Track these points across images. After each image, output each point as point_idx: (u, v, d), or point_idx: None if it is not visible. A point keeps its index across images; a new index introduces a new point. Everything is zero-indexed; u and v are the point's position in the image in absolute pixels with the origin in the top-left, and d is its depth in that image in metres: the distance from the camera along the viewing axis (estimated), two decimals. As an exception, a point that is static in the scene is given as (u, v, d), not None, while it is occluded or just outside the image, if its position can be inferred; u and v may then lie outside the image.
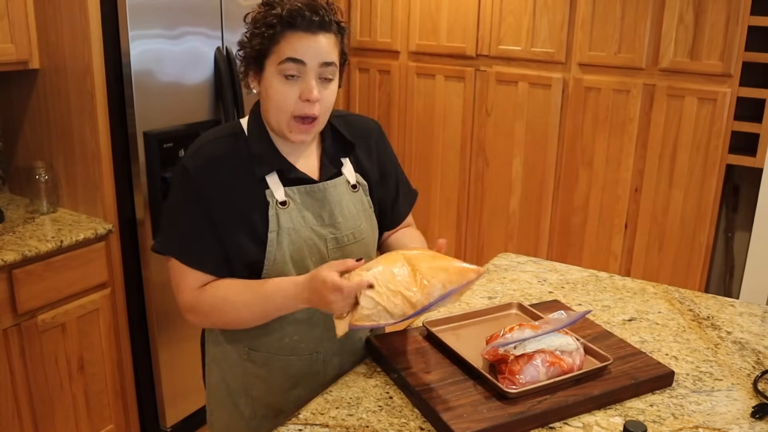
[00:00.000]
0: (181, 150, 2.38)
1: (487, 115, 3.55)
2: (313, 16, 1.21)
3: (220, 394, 1.46)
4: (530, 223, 3.52)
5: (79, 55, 2.17)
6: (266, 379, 1.39)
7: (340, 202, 1.35)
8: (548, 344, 1.26)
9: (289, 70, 1.22)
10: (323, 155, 1.38)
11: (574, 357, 1.28)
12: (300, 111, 1.24)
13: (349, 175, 1.39)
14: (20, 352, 2.06)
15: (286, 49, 1.22)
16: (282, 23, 1.21)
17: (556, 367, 1.25)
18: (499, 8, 3.38)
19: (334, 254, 1.34)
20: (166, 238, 1.32)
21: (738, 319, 1.65)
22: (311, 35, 1.22)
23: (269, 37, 1.22)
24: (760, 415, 1.24)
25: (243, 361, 1.40)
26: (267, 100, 1.27)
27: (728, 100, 2.90)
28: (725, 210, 3.24)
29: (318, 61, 1.23)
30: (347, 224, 1.35)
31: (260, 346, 1.37)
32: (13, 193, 2.57)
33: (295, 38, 1.22)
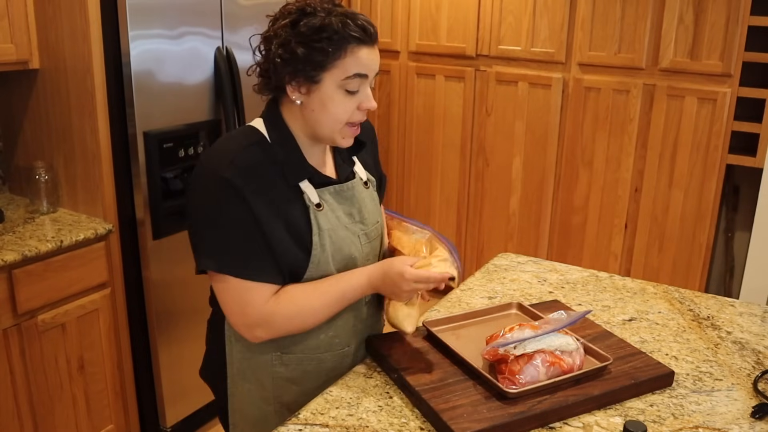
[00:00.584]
0: (180, 150, 2.38)
1: (487, 115, 3.55)
2: (370, 27, 1.22)
3: (248, 407, 1.42)
4: (530, 223, 3.52)
5: (79, 55, 2.17)
6: (299, 381, 1.38)
7: (363, 200, 1.39)
8: (548, 344, 1.26)
9: (353, 86, 1.23)
10: (336, 156, 1.40)
11: (574, 357, 1.28)
12: (355, 119, 1.27)
13: (360, 173, 1.43)
14: (20, 352, 2.06)
15: (353, 64, 1.21)
16: (350, 38, 1.20)
17: (556, 367, 1.25)
18: (499, 8, 3.38)
19: (365, 249, 1.38)
20: (218, 257, 1.24)
21: (738, 319, 1.65)
22: (372, 49, 1.24)
23: (334, 50, 1.19)
24: (760, 415, 1.24)
25: (273, 368, 1.37)
26: (321, 112, 1.25)
27: (728, 100, 2.90)
28: (725, 210, 3.24)
29: (375, 73, 1.26)
30: (371, 219, 1.40)
31: (294, 348, 1.36)
32: (13, 193, 2.57)
33: (362, 53, 1.21)
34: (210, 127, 2.49)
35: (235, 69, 2.52)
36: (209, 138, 2.49)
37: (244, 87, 2.57)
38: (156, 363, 2.47)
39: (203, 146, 2.47)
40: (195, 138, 2.44)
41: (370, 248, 1.40)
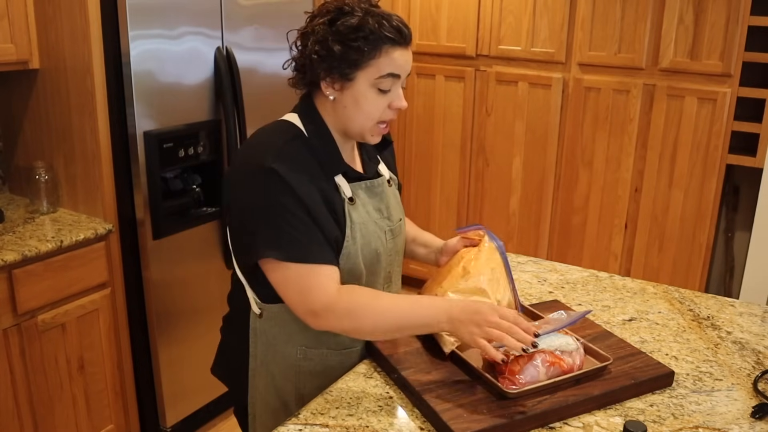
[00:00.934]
0: (180, 150, 2.38)
1: (487, 115, 3.55)
2: (404, 29, 1.26)
3: (268, 396, 1.44)
4: (530, 223, 3.52)
5: (79, 55, 2.17)
6: (321, 375, 1.40)
7: (389, 197, 1.43)
8: (548, 344, 1.26)
9: (386, 85, 1.26)
10: (362, 153, 1.44)
11: (574, 357, 1.28)
12: (386, 117, 1.31)
13: (383, 171, 1.46)
14: (20, 352, 2.06)
15: (387, 64, 1.24)
16: (385, 39, 1.23)
17: (556, 367, 1.25)
18: (499, 8, 3.38)
19: (389, 245, 1.41)
20: (277, 246, 1.24)
21: (738, 319, 1.65)
22: (406, 50, 1.27)
23: (369, 50, 1.23)
24: (760, 415, 1.24)
25: (298, 362, 1.39)
26: (353, 109, 1.28)
27: (728, 100, 2.90)
28: (725, 210, 3.24)
29: (407, 73, 1.30)
30: (396, 216, 1.43)
31: (319, 343, 1.38)
32: (13, 193, 2.57)
33: (396, 53, 1.25)
34: (210, 127, 2.49)
35: (235, 69, 2.52)
36: (209, 138, 2.49)
37: (244, 87, 2.57)
38: (156, 363, 2.47)
39: (203, 146, 2.47)
40: (195, 138, 2.44)
41: (394, 244, 1.43)
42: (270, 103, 2.74)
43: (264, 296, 1.36)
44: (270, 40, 2.71)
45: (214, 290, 2.64)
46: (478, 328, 1.18)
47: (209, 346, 2.64)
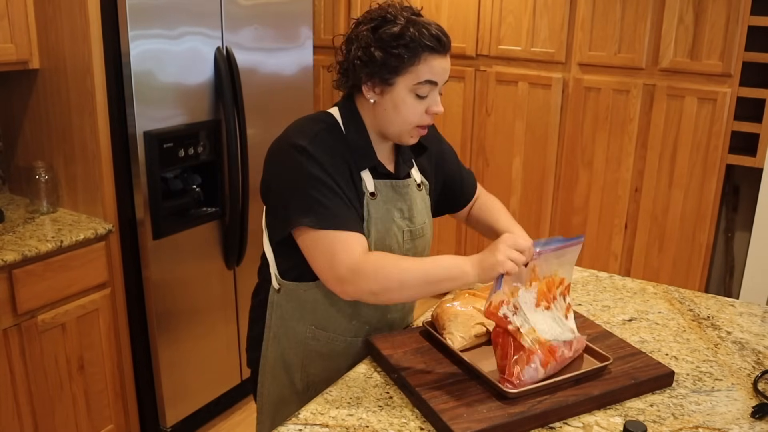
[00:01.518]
0: (180, 150, 2.38)
1: (487, 115, 3.55)
2: (443, 38, 1.30)
3: (276, 368, 1.51)
4: (530, 223, 3.52)
5: (79, 55, 2.17)
6: (326, 357, 1.47)
7: (414, 199, 1.46)
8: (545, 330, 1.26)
9: (424, 91, 1.31)
10: (398, 155, 1.47)
11: (572, 346, 1.28)
12: (424, 122, 1.35)
13: (416, 175, 1.50)
14: (20, 352, 2.06)
15: (425, 71, 1.29)
16: (423, 46, 1.28)
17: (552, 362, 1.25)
18: (499, 8, 3.38)
19: (407, 245, 1.43)
20: (307, 215, 1.30)
21: (738, 319, 1.65)
22: (445, 58, 1.32)
23: (409, 57, 1.28)
24: (760, 415, 1.24)
25: (306, 340, 1.46)
26: (393, 112, 1.33)
27: (728, 100, 2.90)
28: (725, 210, 3.24)
29: (445, 80, 1.34)
30: (419, 219, 1.46)
31: (327, 326, 1.44)
32: (13, 193, 2.57)
33: (435, 61, 1.30)
34: (210, 127, 2.49)
35: (235, 69, 2.52)
36: (209, 138, 2.49)
37: (244, 87, 2.57)
38: (156, 363, 2.47)
39: (203, 146, 2.47)
40: (195, 138, 2.44)
41: (412, 245, 1.45)
42: (270, 103, 2.74)
43: (283, 272, 1.44)
44: (270, 40, 2.71)
45: (214, 290, 2.64)
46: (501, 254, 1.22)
47: (209, 346, 2.66)
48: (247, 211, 2.64)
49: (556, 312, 1.30)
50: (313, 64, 2.95)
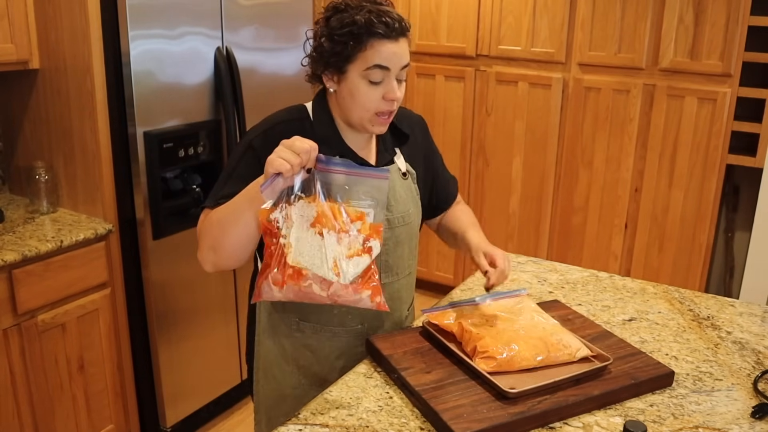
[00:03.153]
0: (180, 150, 2.39)
1: (487, 115, 3.55)
2: (395, 23, 1.30)
3: (268, 364, 1.53)
4: (530, 223, 3.52)
5: (79, 55, 2.17)
6: (314, 349, 1.47)
7: (393, 188, 1.44)
8: (303, 252, 1.17)
9: (375, 77, 1.31)
10: (379, 144, 1.47)
11: (329, 288, 1.19)
12: (382, 108, 1.34)
13: (400, 163, 1.49)
14: (20, 352, 2.06)
15: (373, 56, 1.29)
16: (368, 32, 1.28)
17: (293, 286, 1.19)
18: (499, 8, 3.38)
19: (386, 234, 1.41)
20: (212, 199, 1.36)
21: (738, 319, 1.65)
22: (395, 42, 1.31)
23: (355, 44, 1.29)
24: (760, 415, 1.24)
25: (293, 332, 1.47)
26: (350, 100, 1.35)
27: (728, 100, 2.90)
28: (725, 210, 3.24)
29: (400, 65, 1.32)
30: (398, 208, 1.45)
31: (310, 317, 1.44)
32: (13, 193, 2.57)
33: (381, 46, 1.29)
34: (210, 127, 2.49)
35: (235, 69, 2.52)
36: (209, 138, 2.49)
37: (244, 87, 2.57)
38: (156, 363, 2.47)
39: (203, 146, 2.47)
40: (195, 138, 2.44)
41: (391, 234, 1.43)
42: (270, 103, 2.74)
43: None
44: (270, 40, 2.71)
45: (214, 290, 2.64)
46: (273, 153, 1.17)
47: (209, 346, 2.66)
48: (247, 211, 2.64)
49: (331, 244, 1.18)
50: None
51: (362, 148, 1.44)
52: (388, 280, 1.47)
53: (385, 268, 1.45)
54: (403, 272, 1.50)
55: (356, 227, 1.20)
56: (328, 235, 1.18)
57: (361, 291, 1.20)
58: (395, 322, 1.53)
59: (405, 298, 1.55)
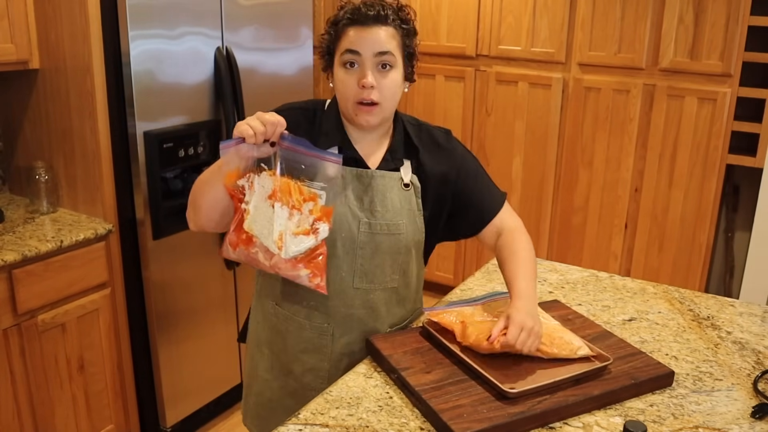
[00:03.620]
0: (180, 150, 2.38)
1: (487, 115, 3.55)
2: (368, 11, 1.33)
3: (251, 344, 1.59)
4: (530, 223, 3.52)
5: (79, 55, 2.17)
6: (284, 336, 1.49)
7: (385, 193, 1.42)
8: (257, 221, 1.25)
9: (346, 59, 1.34)
10: (388, 151, 1.47)
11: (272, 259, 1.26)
12: (359, 97, 1.35)
13: (404, 173, 1.46)
14: (20, 352, 2.06)
15: (345, 42, 1.34)
16: (344, 21, 1.35)
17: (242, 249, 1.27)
18: (499, 8, 3.38)
19: (364, 237, 1.40)
20: None
21: (738, 319, 1.65)
22: (366, 28, 1.34)
23: (334, 34, 1.37)
24: (760, 415, 1.24)
25: (271, 316, 1.50)
26: (337, 92, 1.39)
27: (728, 100, 2.91)
28: (725, 210, 3.24)
29: (372, 51, 1.33)
30: (385, 215, 1.42)
31: (285, 303, 1.47)
32: (13, 193, 2.57)
33: (353, 32, 1.34)
34: (210, 127, 2.49)
35: (235, 69, 2.52)
36: (209, 138, 2.49)
37: (244, 87, 2.57)
38: (156, 363, 2.47)
39: (203, 146, 2.47)
40: (195, 138, 2.44)
41: (370, 239, 1.39)
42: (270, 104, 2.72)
43: None
44: (270, 40, 2.71)
45: (214, 290, 2.64)
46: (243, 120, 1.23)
47: (209, 346, 2.66)
48: (247, 211, 2.64)
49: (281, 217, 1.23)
50: (313, 64, 2.95)
51: (367, 151, 1.43)
52: (362, 285, 1.42)
53: (360, 273, 1.41)
54: (380, 283, 1.44)
55: (308, 207, 1.25)
56: (281, 210, 1.24)
57: (299, 268, 1.26)
58: (363, 333, 1.45)
59: (383, 312, 1.47)
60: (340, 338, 1.45)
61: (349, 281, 1.41)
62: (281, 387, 1.52)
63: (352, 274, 1.41)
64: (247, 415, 1.65)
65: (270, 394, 1.55)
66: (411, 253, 1.47)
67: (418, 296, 1.59)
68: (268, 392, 1.56)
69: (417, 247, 1.49)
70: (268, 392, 1.56)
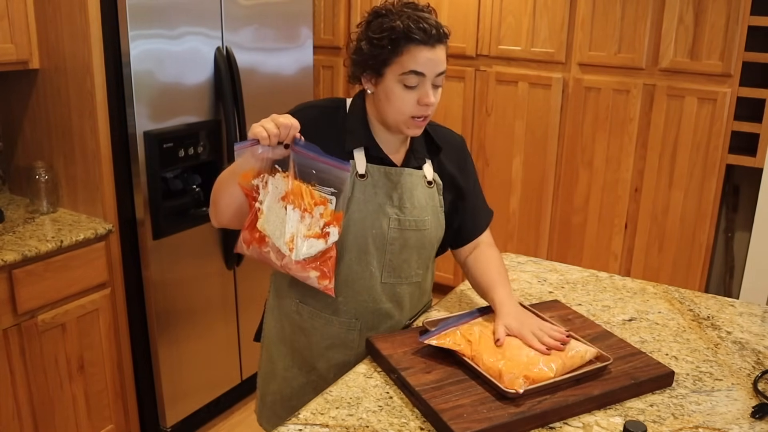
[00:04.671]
0: (180, 150, 2.39)
1: (487, 115, 3.55)
2: (433, 30, 1.32)
3: (268, 342, 1.61)
4: (530, 223, 3.52)
5: (79, 55, 2.17)
6: (308, 333, 1.51)
7: (412, 190, 1.46)
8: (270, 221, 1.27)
9: (410, 81, 1.33)
10: (410, 150, 1.49)
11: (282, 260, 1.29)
12: (417, 113, 1.37)
13: (427, 171, 1.50)
14: (20, 352, 2.07)
15: (409, 62, 1.32)
16: (406, 37, 1.31)
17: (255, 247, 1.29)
18: (499, 8, 3.38)
19: (394, 233, 1.43)
20: None
21: (738, 319, 1.65)
22: (431, 48, 1.33)
23: (392, 48, 1.32)
24: (760, 415, 1.24)
25: (293, 314, 1.52)
26: (386, 102, 1.38)
27: (728, 100, 2.90)
28: (725, 210, 3.24)
29: (435, 72, 1.35)
30: (413, 211, 1.45)
31: (308, 300, 1.48)
32: (13, 193, 2.57)
33: (418, 52, 1.32)
34: (210, 127, 2.49)
35: (235, 69, 2.52)
36: (209, 138, 2.49)
37: (244, 87, 2.57)
38: (156, 363, 2.47)
39: (203, 146, 2.47)
40: (195, 138, 2.44)
41: (399, 235, 1.44)
42: (270, 103, 2.74)
43: None
44: (270, 40, 2.71)
45: (214, 290, 2.64)
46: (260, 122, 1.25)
47: (209, 346, 2.66)
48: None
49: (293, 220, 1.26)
50: (313, 64, 2.95)
51: (392, 150, 1.46)
52: (389, 280, 1.47)
53: (388, 268, 1.46)
54: (407, 278, 1.50)
55: (319, 211, 1.27)
56: (293, 212, 1.26)
57: (308, 270, 1.29)
58: (391, 327, 1.52)
59: (407, 305, 1.53)
60: (367, 333, 1.49)
61: (378, 276, 1.45)
62: (303, 384, 1.54)
63: (381, 270, 1.45)
64: (263, 414, 1.66)
65: (290, 392, 1.57)
66: (434, 248, 1.54)
67: (430, 290, 1.66)
68: (287, 390, 1.57)
69: (438, 243, 1.55)
70: (287, 390, 1.57)
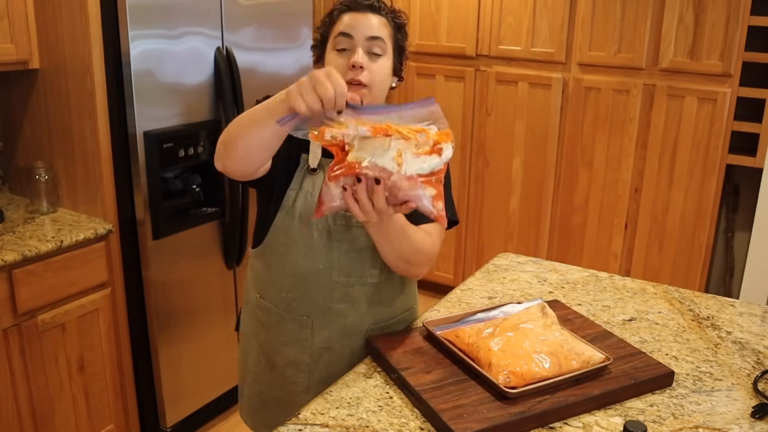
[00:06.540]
0: (180, 150, 2.39)
1: (487, 115, 3.55)
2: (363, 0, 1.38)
3: (243, 336, 1.63)
4: (530, 223, 3.52)
5: (79, 55, 2.17)
6: (267, 327, 1.51)
7: None
8: (365, 148, 1.05)
9: (340, 44, 1.36)
10: None
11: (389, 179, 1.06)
12: (348, 77, 1.34)
13: None
14: (20, 352, 2.06)
15: (339, 26, 1.38)
16: (340, 9, 1.39)
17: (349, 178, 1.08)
18: (499, 8, 3.38)
19: (340, 229, 1.40)
20: None
21: (738, 319, 1.65)
22: (360, 14, 1.37)
23: (329, 22, 1.40)
24: (760, 415, 1.24)
25: (254, 308, 1.53)
26: None
27: (728, 100, 2.91)
28: (725, 210, 3.24)
29: (365, 35, 1.35)
30: None
31: (266, 294, 1.49)
32: (13, 193, 2.57)
33: (347, 17, 1.37)
34: (210, 127, 2.49)
35: (235, 69, 2.52)
36: (209, 138, 2.49)
37: (244, 87, 2.57)
38: (156, 363, 2.47)
39: (203, 146, 2.47)
40: (195, 138, 2.44)
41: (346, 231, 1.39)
42: (270, 103, 2.74)
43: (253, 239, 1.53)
44: (270, 40, 2.71)
45: (214, 290, 2.64)
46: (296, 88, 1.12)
47: (209, 346, 2.66)
48: (247, 210, 2.64)
49: (395, 142, 1.06)
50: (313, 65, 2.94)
51: None
52: (340, 279, 1.41)
53: (337, 267, 1.40)
54: (359, 278, 1.42)
55: (422, 137, 1.07)
56: (394, 140, 1.06)
57: (424, 187, 1.07)
58: (343, 328, 1.44)
59: (362, 307, 1.45)
60: (320, 332, 1.45)
61: (327, 274, 1.41)
62: (268, 380, 1.55)
63: (330, 267, 1.41)
64: (243, 408, 1.69)
65: (260, 387, 1.58)
66: None
67: (409, 297, 1.55)
68: (257, 385, 1.58)
69: None
70: (257, 385, 1.58)
